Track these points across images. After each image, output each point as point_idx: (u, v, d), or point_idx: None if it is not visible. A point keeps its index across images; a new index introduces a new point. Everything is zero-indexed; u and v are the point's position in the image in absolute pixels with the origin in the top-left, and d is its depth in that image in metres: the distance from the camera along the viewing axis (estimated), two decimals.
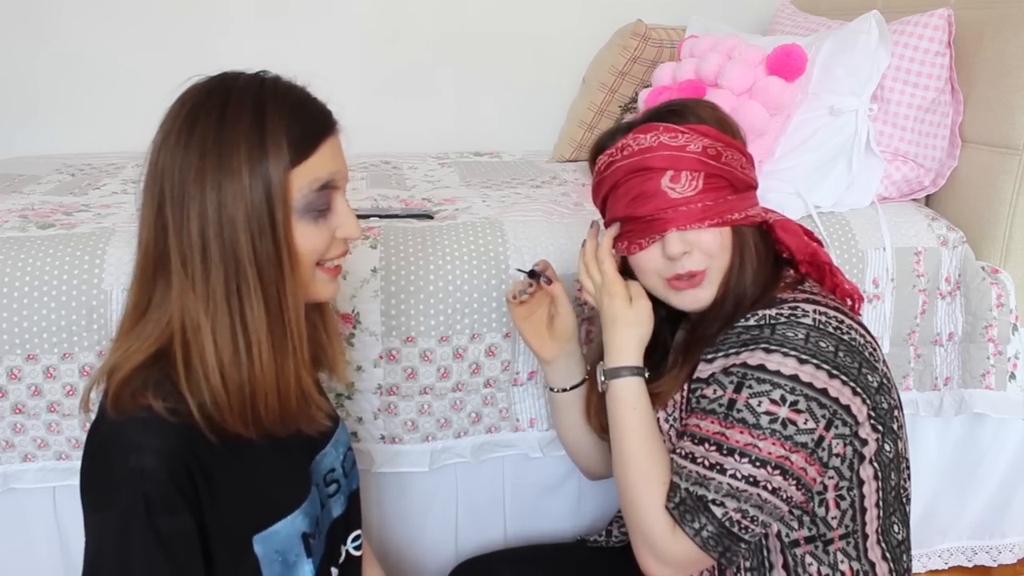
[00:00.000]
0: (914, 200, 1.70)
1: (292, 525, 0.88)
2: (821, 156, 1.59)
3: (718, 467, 0.90)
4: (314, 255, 0.84)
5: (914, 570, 1.70)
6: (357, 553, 1.06)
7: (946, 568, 1.72)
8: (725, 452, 0.90)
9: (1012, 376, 1.57)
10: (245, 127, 0.79)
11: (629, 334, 1.00)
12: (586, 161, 2.24)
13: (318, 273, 0.86)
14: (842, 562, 0.95)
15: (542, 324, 1.16)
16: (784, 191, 1.56)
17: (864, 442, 0.93)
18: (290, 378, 0.83)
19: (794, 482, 0.90)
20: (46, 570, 1.39)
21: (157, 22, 2.34)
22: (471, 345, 1.37)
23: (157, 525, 0.76)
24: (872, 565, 0.96)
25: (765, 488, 0.89)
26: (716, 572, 0.99)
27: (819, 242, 1.05)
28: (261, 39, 2.36)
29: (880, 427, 0.94)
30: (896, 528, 0.99)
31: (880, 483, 0.96)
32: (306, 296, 0.86)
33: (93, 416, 0.84)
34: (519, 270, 1.26)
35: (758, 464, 0.89)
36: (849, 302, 1.04)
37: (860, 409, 0.92)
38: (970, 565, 1.73)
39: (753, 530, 0.90)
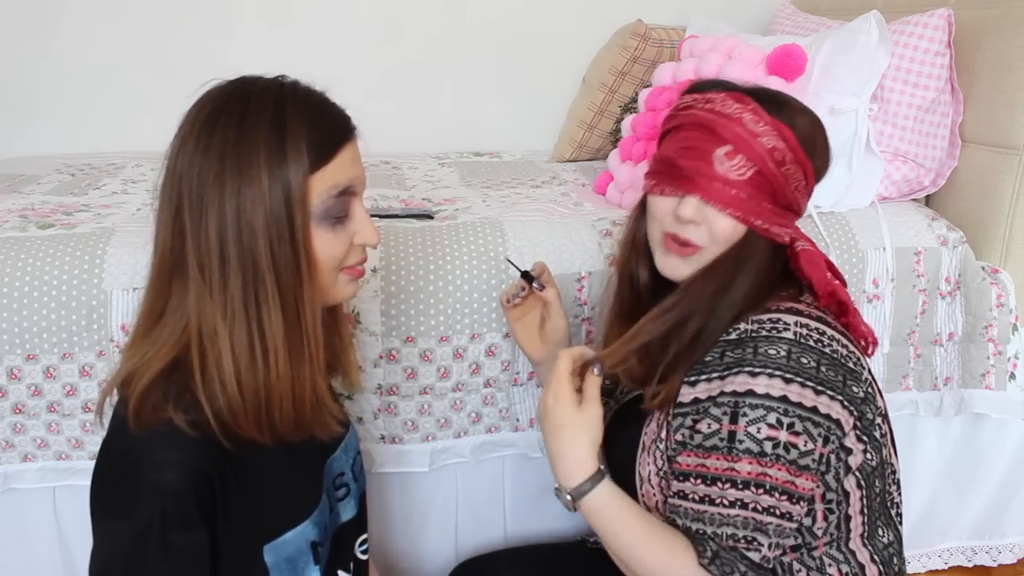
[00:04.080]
0: (914, 200, 1.70)
1: (302, 534, 0.88)
2: None
3: (739, 503, 0.89)
4: (333, 262, 0.84)
5: (914, 570, 1.70)
6: (364, 557, 1.06)
7: (946, 568, 1.72)
8: (740, 486, 0.88)
9: (1012, 376, 1.57)
10: (265, 132, 0.78)
11: (579, 441, 0.92)
12: (586, 161, 2.25)
13: (341, 276, 0.86)
14: (830, 565, 0.95)
15: (534, 326, 1.17)
16: None
17: (849, 451, 0.93)
18: (306, 385, 0.83)
19: (805, 503, 0.90)
20: (46, 570, 1.39)
21: (158, 23, 2.34)
22: (471, 345, 1.37)
23: (170, 541, 0.77)
24: (862, 567, 0.96)
25: (776, 515, 0.89)
26: None
27: (842, 279, 1.03)
28: (262, 39, 2.36)
29: (864, 437, 0.94)
30: (881, 532, 0.98)
31: (864, 491, 0.95)
32: (326, 299, 0.86)
33: (105, 423, 0.84)
34: (508, 260, 1.25)
35: (773, 492, 0.88)
36: (863, 343, 1.00)
37: (848, 420, 0.92)
38: (970, 565, 1.73)
39: (775, 558, 0.91)
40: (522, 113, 2.52)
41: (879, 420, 0.97)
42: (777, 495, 0.88)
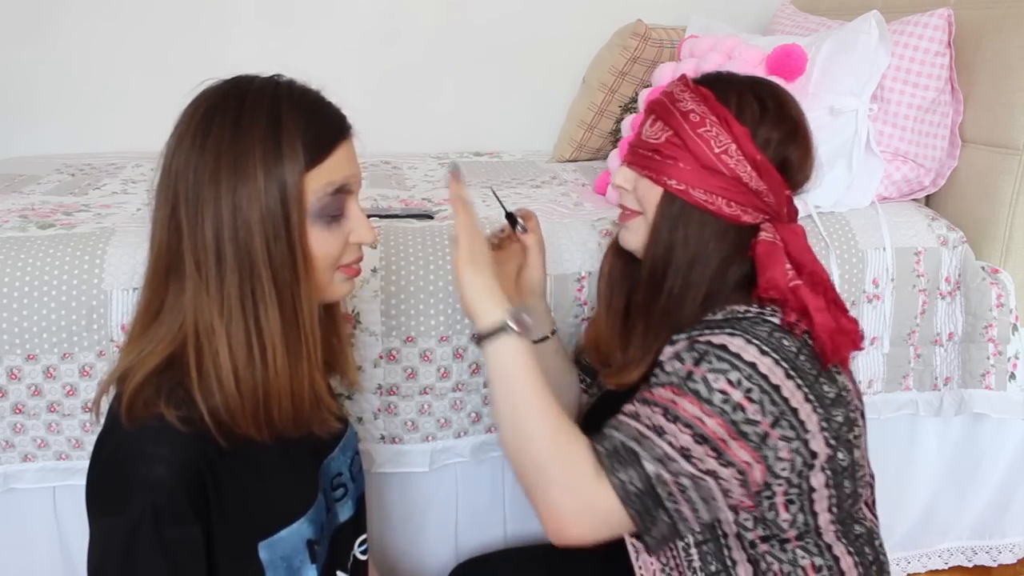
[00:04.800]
0: (914, 200, 1.70)
1: (298, 532, 0.88)
2: (821, 156, 1.58)
3: (658, 430, 0.86)
4: (328, 260, 0.84)
5: (914, 570, 1.70)
6: (363, 558, 1.06)
7: (946, 568, 1.72)
8: (671, 418, 0.86)
9: (1012, 376, 1.57)
10: (261, 130, 0.78)
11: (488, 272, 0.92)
12: (586, 161, 2.26)
13: (336, 274, 0.87)
14: (803, 558, 0.94)
15: (512, 274, 1.15)
16: None
17: (814, 454, 0.91)
18: (304, 381, 0.83)
19: (735, 472, 0.86)
20: (46, 570, 1.39)
21: (158, 24, 2.34)
22: (471, 345, 1.37)
23: (164, 534, 0.77)
24: (836, 560, 0.95)
25: (696, 466, 0.85)
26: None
27: (820, 280, 0.96)
28: (262, 40, 2.36)
29: (834, 440, 0.92)
30: (857, 527, 0.97)
31: (833, 490, 0.94)
32: (322, 297, 0.86)
33: (102, 420, 0.84)
34: (494, 193, 1.23)
35: (699, 440, 0.85)
36: (822, 352, 0.91)
37: (810, 416, 0.90)
38: (970, 565, 1.73)
39: (677, 500, 0.86)
40: (522, 113, 2.52)
41: (854, 423, 0.95)
42: (706, 447, 0.85)
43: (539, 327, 1.17)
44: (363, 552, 1.06)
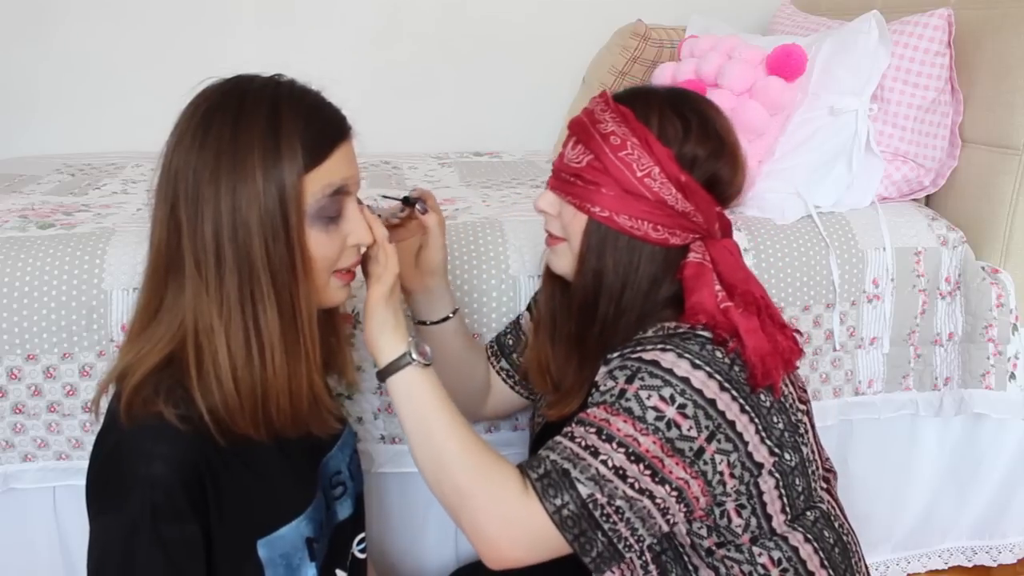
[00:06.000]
0: (914, 200, 1.70)
1: (296, 530, 0.88)
2: (821, 156, 1.59)
3: (592, 450, 0.85)
4: (327, 262, 0.84)
5: (914, 570, 1.70)
6: (362, 556, 1.06)
7: (946, 568, 1.72)
8: (604, 438, 0.85)
9: (1012, 376, 1.57)
10: (260, 130, 0.78)
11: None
12: None
13: (332, 279, 0.87)
14: (760, 555, 0.92)
15: (411, 254, 1.12)
16: (784, 191, 1.56)
17: (759, 464, 0.90)
18: (302, 382, 0.83)
19: (671, 490, 0.85)
20: (46, 570, 1.39)
21: (158, 23, 2.34)
22: None
23: (162, 532, 0.77)
24: (795, 550, 0.94)
25: (632, 486, 0.84)
26: None
27: (754, 301, 0.93)
28: (262, 39, 2.36)
29: (778, 448, 0.91)
30: (811, 513, 0.96)
31: (783, 491, 0.93)
32: (319, 300, 0.86)
33: (102, 419, 0.85)
34: (385, 196, 1.20)
35: (632, 459, 0.84)
36: (753, 373, 0.88)
37: (747, 427, 0.88)
38: (970, 565, 1.73)
39: (615, 522, 0.84)
40: (522, 113, 2.52)
41: (796, 424, 0.94)
42: (640, 466, 0.84)
43: (440, 307, 1.16)
44: (362, 551, 1.06)
